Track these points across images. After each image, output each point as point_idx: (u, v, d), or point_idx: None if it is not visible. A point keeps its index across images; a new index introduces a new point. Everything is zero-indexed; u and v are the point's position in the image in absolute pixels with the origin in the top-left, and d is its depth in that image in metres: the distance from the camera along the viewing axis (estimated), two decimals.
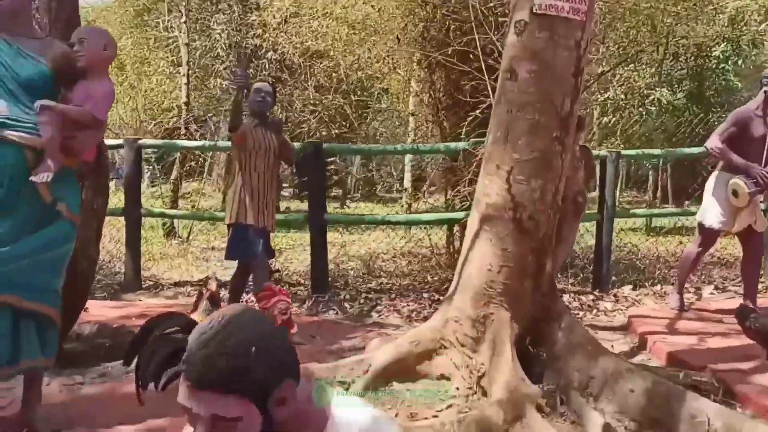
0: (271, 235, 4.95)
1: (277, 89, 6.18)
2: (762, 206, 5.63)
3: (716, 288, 6.93)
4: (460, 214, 6.36)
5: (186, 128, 10.93)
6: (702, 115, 12.17)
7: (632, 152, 9.31)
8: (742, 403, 3.43)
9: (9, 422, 3.05)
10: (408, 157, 12.25)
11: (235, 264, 4.97)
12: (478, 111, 6.19)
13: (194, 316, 2.55)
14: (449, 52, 6.62)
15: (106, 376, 3.80)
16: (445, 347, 3.44)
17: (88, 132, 3.06)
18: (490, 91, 5.80)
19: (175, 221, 10.94)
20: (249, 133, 4.65)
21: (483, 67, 6.01)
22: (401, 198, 14.19)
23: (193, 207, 11.09)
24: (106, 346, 4.38)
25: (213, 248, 10.23)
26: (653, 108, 12.28)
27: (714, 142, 5.20)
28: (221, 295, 4.65)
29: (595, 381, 3.41)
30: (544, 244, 3.50)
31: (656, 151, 10.19)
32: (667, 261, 8.10)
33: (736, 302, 6.01)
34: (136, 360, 2.58)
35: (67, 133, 2.96)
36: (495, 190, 3.46)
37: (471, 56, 6.37)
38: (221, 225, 11.85)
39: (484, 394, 3.25)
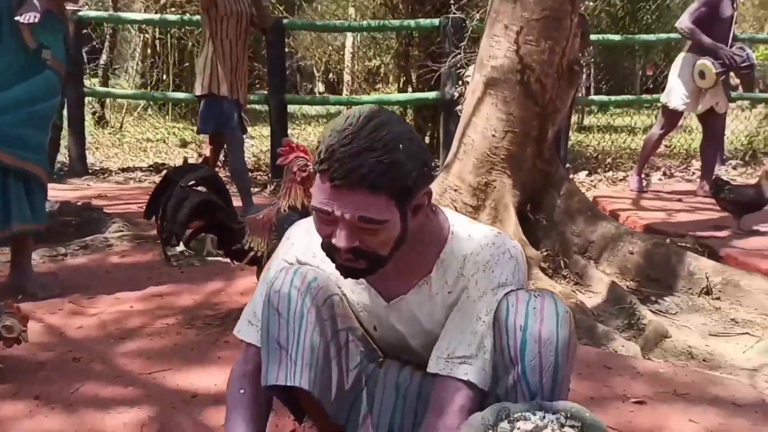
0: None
1: None
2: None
3: (664, 174, 7.19)
4: (431, 94, 6.26)
5: None
6: None
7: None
8: (728, 264, 3.58)
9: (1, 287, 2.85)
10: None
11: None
12: None
13: None
14: None
15: (88, 248, 3.59)
16: None
17: None
18: None
19: (106, 111, 10.39)
20: None
21: None
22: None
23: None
24: (73, 224, 4.14)
25: (148, 140, 9.78)
26: None
27: (684, 22, 5.22)
28: None
29: (595, 245, 3.47)
30: (547, 109, 3.44)
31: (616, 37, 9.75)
32: (610, 153, 8.32)
33: (688, 186, 6.28)
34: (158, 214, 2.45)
35: None
36: (502, 52, 3.34)
37: None
38: (153, 116, 11.41)
39: None
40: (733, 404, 2.01)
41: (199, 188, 2.41)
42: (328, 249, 1.27)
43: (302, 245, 1.48)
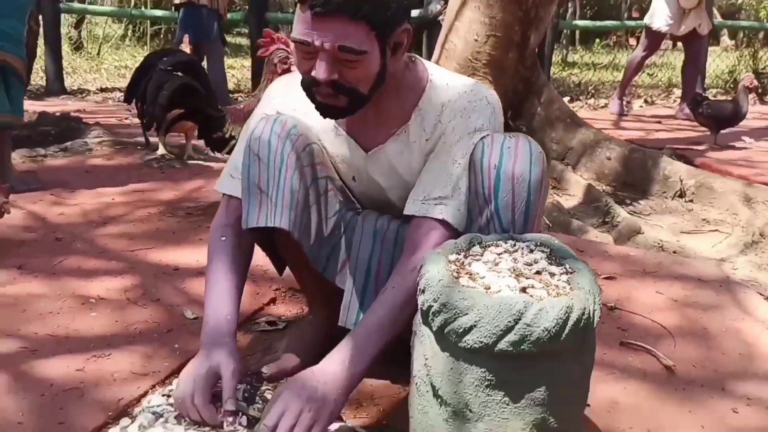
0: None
1: None
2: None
3: (645, 102, 7.22)
4: (413, 13, 6.17)
5: None
6: None
7: None
8: None
9: None
10: None
11: None
12: None
13: None
14: None
15: (68, 151, 3.57)
16: None
17: None
18: None
19: (83, 36, 10.17)
20: None
21: None
22: None
23: None
24: (52, 133, 4.10)
25: (126, 66, 9.60)
26: None
27: None
28: None
29: (573, 151, 3.52)
30: (530, 14, 3.41)
31: None
32: (592, 82, 8.32)
33: (668, 111, 6.32)
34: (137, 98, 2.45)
35: None
36: None
37: None
38: (131, 46, 11.18)
39: None
40: (699, 280, 2.09)
41: (179, 73, 2.39)
42: (308, 85, 1.28)
43: (281, 99, 1.49)
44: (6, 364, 1.46)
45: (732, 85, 7.70)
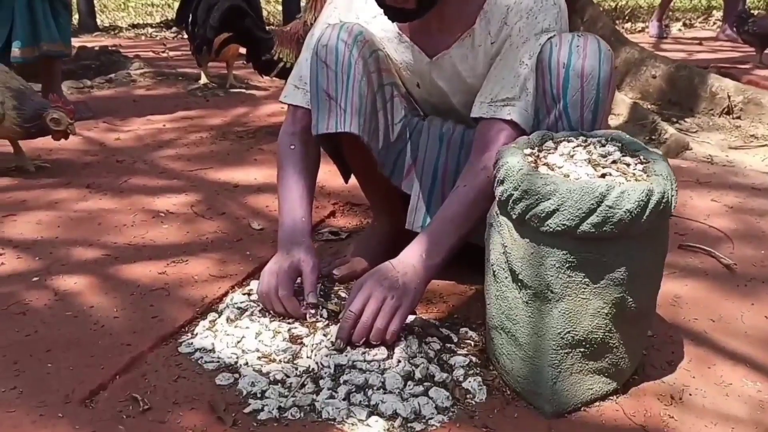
0: None
1: None
2: None
3: (684, 25, 7.03)
4: None
5: None
6: None
7: None
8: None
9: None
10: None
11: None
12: None
13: None
14: None
15: (113, 82, 3.62)
16: None
17: None
18: None
19: None
20: None
21: None
22: None
23: None
24: (93, 66, 4.15)
25: (153, 4, 9.56)
26: None
27: None
28: None
29: (617, 70, 3.47)
30: None
31: None
32: (630, 5, 8.10)
33: (709, 33, 6.16)
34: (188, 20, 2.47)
35: None
36: None
37: None
38: None
39: None
40: (752, 188, 2.10)
41: None
42: None
43: (345, 7, 1.50)
44: (93, 269, 1.54)
45: None
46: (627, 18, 7.26)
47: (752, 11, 7.19)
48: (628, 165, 1.13)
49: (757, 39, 4.11)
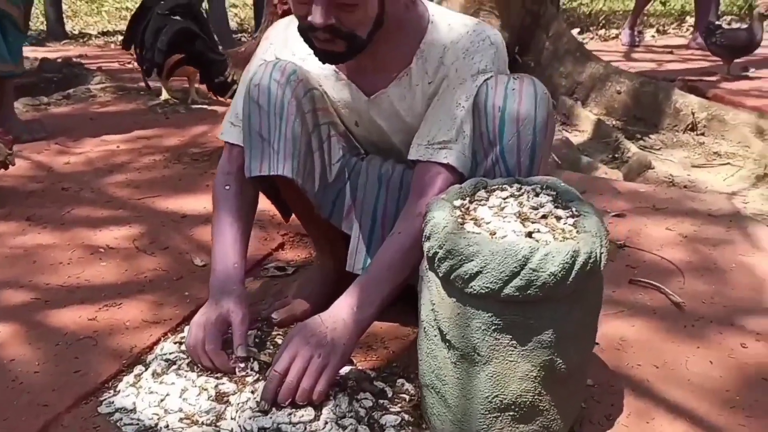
0: None
1: None
2: None
3: (657, 31, 7.04)
4: None
5: None
6: None
7: None
8: None
9: None
10: None
11: None
12: None
13: None
14: None
15: (71, 98, 3.55)
16: None
17: None
18: None
19: None
20: None
21: None
22: None
23: None
24: (55, 80, 4.07)
25: (127, 8, 9.46)
26: None
27: None
28: None
29: (582, 86, 3.45)
30: None
31: None
32: (604, 11, 8.12)
33: (681, 41, 6.17)
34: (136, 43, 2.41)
35: None
36: None
37: None
38: None
39: None
40: (709, 215, 2.07)
41: (177, 17, 2.35)
42: (305, 30, 1.24)
43: (280, 43, 1.45)
44: (20, 315, 1.48)
45: (747, 11, 7.49)
46: (601, 24, 7.26)
47: (724, 17, 7.25)
48: (558, 219, 1.09)
49: (725, 51, 4.11)
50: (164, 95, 3.47)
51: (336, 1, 1.17)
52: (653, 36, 6.78)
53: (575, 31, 6.86)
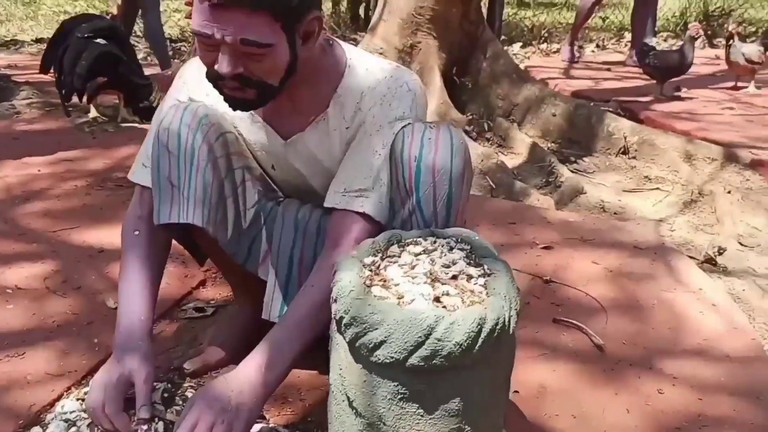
0: None
1: None
2: None
3: (597, 46, 7.18)
4: None
5: None
6: None
7: None
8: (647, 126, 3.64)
9: None
10: None
11: None
12: None
13: None
14: None
15: None
16: None
17: None
18: None
19: None
20: None
21: None
22: None
23: None
24: None
25: (66, 12, 9.16)
26: None
27: None
28: None
29: (519, 108, 3.47)
30: None
31: None
32: (546, 26, 8.23)
33: (618, 57, 6.29)
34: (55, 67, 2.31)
35: None
36: None
37: None
38: None
39: None
40: (635, 247, 2.09)
41: (99, 40, 2.26)
42: (213, 78, 1.20)
43: (195, 83, 1.40)
44: None
45: (682, 29, 7.70)
46: (543, 38, 7.36)
47: (660, 33, 7.43)
48: (470, 278, 1.07)
49: (658, 72, 4.20)
50: (93, 113, 3.34)
51: (242, 50, 1.13)
52: (593, 51, 6.91)
53: (517, 46, 6.95)
